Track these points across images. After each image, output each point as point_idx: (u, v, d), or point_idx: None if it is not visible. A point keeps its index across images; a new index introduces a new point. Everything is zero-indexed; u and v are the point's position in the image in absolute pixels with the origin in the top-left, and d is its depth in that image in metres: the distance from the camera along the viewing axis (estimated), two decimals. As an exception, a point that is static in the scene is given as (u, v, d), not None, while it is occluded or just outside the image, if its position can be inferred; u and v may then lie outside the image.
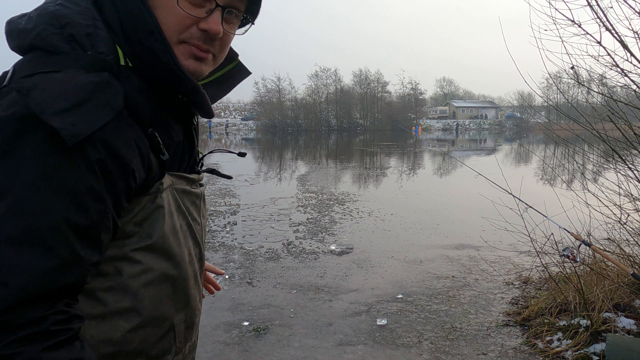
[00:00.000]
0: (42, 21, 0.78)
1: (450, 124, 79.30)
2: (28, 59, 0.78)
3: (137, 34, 0.80)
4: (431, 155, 24.26)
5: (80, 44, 0.78)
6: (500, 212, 4.13)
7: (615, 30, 3.26)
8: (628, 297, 3.54)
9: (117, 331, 0.83)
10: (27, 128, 0.69)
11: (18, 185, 0.68)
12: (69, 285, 0.72)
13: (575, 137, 4.26)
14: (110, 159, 0.74)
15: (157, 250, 0.87)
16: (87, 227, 0.73)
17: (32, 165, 0.69)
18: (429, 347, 3.39)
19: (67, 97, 0.70)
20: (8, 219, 0.67)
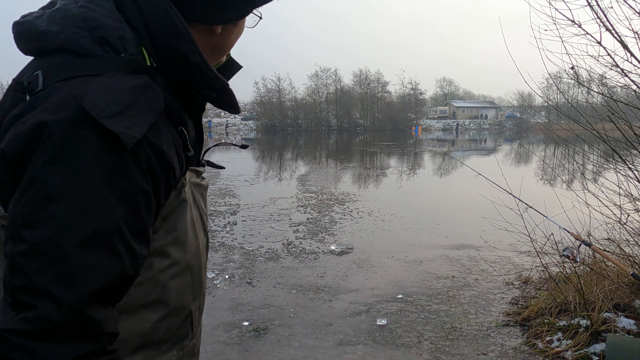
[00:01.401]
0: (70, 24, 0.78)
1: (450, 124, 79.29)
2: (58, 63, 0.77)
3: (164, 36, 0.81)
4: (431, 155, 24.26)
5: (113, 47, 0.78)
6: (500, 212, 4.13)
7: (615, 30, 3.27)
8: (628, 297, 3.54)
9: (147, 322, 0.86)
10: (83, 132, 0.70)
11: (81, 189, 0.69)
12: (128, 278, 0.75)
13: (575, 137, 4.26)
14: (155, 158, 0.76)
15: (181, 242, 0.90)
16: (141, 226, 0.76)
17: (93, 168, 0.70)
18: (429, 347, 3.39)
19: (117, 100, 0.72)
20: (75, 223, 0.69)
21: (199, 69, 0.84)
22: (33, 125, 0.70)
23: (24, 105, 0.74)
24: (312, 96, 73.06)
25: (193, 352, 1.02)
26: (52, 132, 0.69)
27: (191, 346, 1.00)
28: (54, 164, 0.69)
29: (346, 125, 70.74)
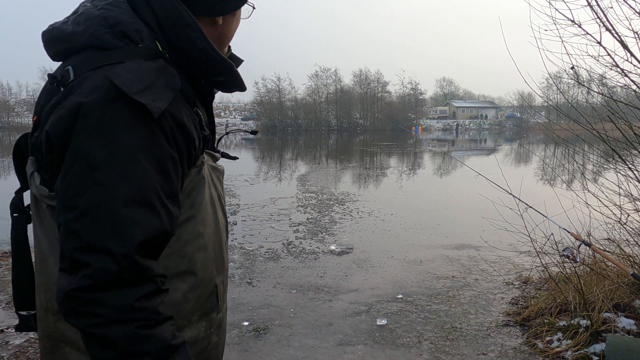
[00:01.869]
0: (93, 23, 0.90)
1: (450, 124, 79.27)
2: (84, 57, 0.89)
3: (175, 28, 0.92)
4: (431, 155, 24.26)
5: (131, 39, 0.90)
6: (500, 212, 4.13)
7: (615, 30, 3.26)
8: (628, 297, 3.53)
9: (178, 292, 0.97)
10: (117, 107, 0.81)
11: (119, 156, 0.80)
12: (167, 233, 0.86)
13: (575, 137, 4.26)
14: (177, 129, 0.88)
15: (203, 217, 1.00)
16: (173, 188, 0.87)
17: (128, 137, 0.81)
18: (429, 347, 3.39)
19: (142, 79, 0.83)
20: (117, 186, 0.79)
21: (206, 53, 0.94)
22: (72, 107, 0.81)
23: (60, 95, 0.86)
24: (312, 96, 73.07)
25: (220, 325, 1.12)
26: (88, 110, 0.81)
27: (218, 320, 1.10)
28: (93, 136, 0.80)
29: (346, 125, 70.72)
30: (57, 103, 0.85)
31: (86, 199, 0.79)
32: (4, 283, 4.69)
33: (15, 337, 3.45)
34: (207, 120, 1.05)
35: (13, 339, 3.43)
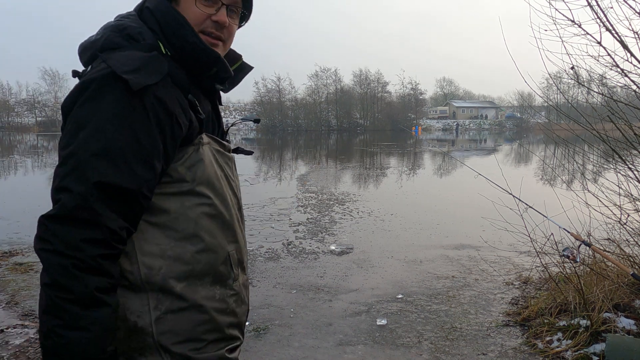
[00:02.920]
0: (108, 31, 1.12)
1: (450, 124, 79.25)
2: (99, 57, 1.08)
3: (171, 28, 1.14)
4: (431, 155, 24.26)
5: (135, 39, 1.11)
6: (500, 212, 4.13)
7: (615, 30, 3.26)
8: (628, 297, 3.53)
9: (188, 252, 1.10)
10: (108, 82, 1.00)
11: (99, 118, 0.99)
12: (127, 189, 0.99)
13: (575, 137, 4.26)
14: (159, 106, 1.04)
15: (205, 190, 1.14)
16: (143, 152, 1.01)
17: (109, 106, 1.00)
18: (429, 347, 3.39)
19: (131, 63, 1.02)
20: (91, 141, 0.98)
21: (195, 46, 1.14)
22: (77, 86, 1.04)
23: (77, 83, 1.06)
24: (312, 96, 73.04)
25: (239, 295, 1.23)
26: (87, 85, 1.01)
27: (236, 288, 1.21)
28: (84, 103, 1.01)
29: (346, 125, 70.70)
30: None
31: (67, 151, 0.99)
32: (4, 283, 4.69)
33: (16, 337, 3.45)
34: (212, 111, 1.24)
35: (13, 339, 3.43)
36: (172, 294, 1.08)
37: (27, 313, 3.94)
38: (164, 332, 1.07)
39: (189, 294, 1.10)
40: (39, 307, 0.96)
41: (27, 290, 4.49)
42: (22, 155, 24.25)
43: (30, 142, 39.11)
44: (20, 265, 5.30)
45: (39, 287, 0.97)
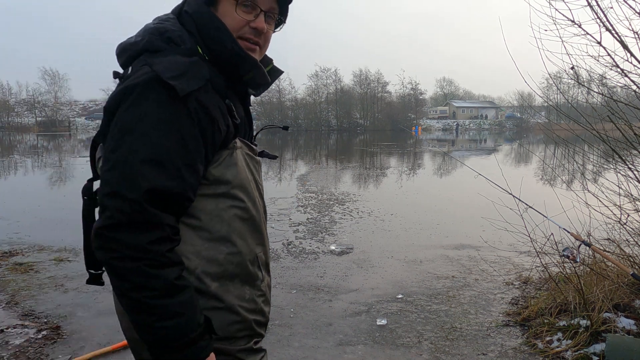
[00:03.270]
0: (149, 34, 1.15)
1: (450, 124, 79.25)
2: (140, 59, 1.11)
3: (209, 32, 1.16)
4: (431, 155, 24.25)
5: (175, 43, 1.14)
6: (500, 212, 4.13)
7: (615, 30, 3.26)
8: (628, 297, 3.53)
9: (221, 253, 1.14)
10: (152, 86, 1.03)
11: (145, 123, 1.01)
12: (176, 194, 1.03)
13: (575, 137, 4.26)
14: (202, 111, 1.07)
15: (238, 193, 1.17)
16: (188, 157, 1.05)
17: (155, 111, 1.02)
18: (429, 347, 3.39)
19: (175, 68, 1.05)
20: (140, 147, 1.00)
21: (233, 51, 1.16)
22: (121, 89, 1.05)
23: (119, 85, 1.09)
24: (312, 96, 73.04)
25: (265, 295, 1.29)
26: (132, 89, 1.04)
27: (263, 289, 1.26)
28: (129, 109, 1.03)
29: (346, 125, 70.71)
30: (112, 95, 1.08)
31: (116, 155, 1.01)
32: (4, 283, 4.69)
33: (15, 337, 3.45)
34: (244, 116, 1.26)
35: (13, 339, 3.43)
36: (207, 293, 1.12)
37: (27, 313, 3.94)
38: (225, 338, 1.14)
39: (223, 294, 1.15)
40: (127, 311, 1.02)
41: (27, 290, 4.49)
42: (22, 155, 24.25)
43: (30, 142, 39.10)
44: (20, 265, 5.30)
45: (40, 287, 0.98)
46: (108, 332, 3.59)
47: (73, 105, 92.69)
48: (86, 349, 3.31)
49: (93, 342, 3.42)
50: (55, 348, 3.34)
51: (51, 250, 6.01)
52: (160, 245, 1.00)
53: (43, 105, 74.64)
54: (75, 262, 5.51)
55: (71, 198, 10.58)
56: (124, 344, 3.33)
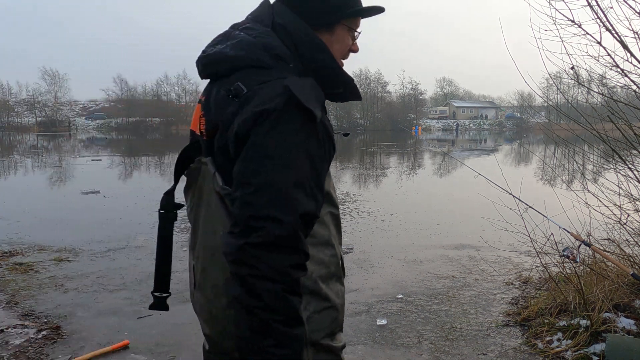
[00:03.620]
0: (254, 48, 1.13)
1: (450, 124, 79.26)
2: (247, 74, 1.12)
3: (309, 50, 1.17)
4: (431, 155, 24.25)
5: (283, 60, 1.14)
6: (500, 212, 4.13)
7: (616, 30, 3.26)
8: (628, 297, 3.53)
9: (326, 256, 1.21)
10: (290, 110, 1.03)
11: (285, 148, 1.03)
12: (315, 216, 1.08)
13: (575, 137, 4.26)
14: (324, 133, 1.10)
15: (332, 196, 1.25)
16: (320, 180, 1.08)
17: (294, 136, 1.04)
18: (429, 347, 3.39)
19: (308, 92, 1.06)
20: (286, 172, 1.02)
21: (333, 71, 1.20)
22: (256, 112, 1.04)
23: (237, 104, 1.08)
24: (312, 96, 72.93)
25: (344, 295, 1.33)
26: (270, 113, 1.03)
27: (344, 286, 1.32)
28: (270, 133, 1.03)
29: (346, 125, 70.75)
30: (235, 112, 1.08)
31: (259, 179, 1.01)
32: (4, 283, 4.69)
33: (15, 337, 3.45)
34: None
35: (13, 339, 3.43)
36: (320, 295, 1.18)
37: (27, 313, 3.94)
38: (313, 331, 1.18)
39: (329, 294, 1.22)
40: (247, 328, 1.00)
41: (27, 290, 4.49)
42: (22, 155, 24.25)
43: (30, 142, 39.09)
44: (20, 265, 5.30)
45: (40, 287, 0.98)
46: (108, 332, 3.59)
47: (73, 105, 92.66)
48: (86, 349, 3.31)
49: (93, 342, 3.42)
50: (55, 348, 3.34)
51: (51, 250, 6.01)
52: (297, 272, 1.02)
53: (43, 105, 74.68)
54: (75, 262, 5.52)
55: (71, 198, 10.59)
56: (124, 344, 3.33)
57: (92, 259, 5.64)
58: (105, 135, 56.36)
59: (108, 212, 8.72)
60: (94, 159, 22.01)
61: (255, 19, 1.21)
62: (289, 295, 1.00)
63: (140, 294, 4.45)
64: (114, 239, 6.63)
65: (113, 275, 4.99)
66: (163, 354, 3.27)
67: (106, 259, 5.67)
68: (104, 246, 6.23)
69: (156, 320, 3.84)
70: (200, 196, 1.21)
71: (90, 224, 7.57)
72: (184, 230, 7.11)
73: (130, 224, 7.66)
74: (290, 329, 1.00)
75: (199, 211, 1.22)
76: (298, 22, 1.18)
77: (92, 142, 40.74)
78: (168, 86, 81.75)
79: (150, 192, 11.11)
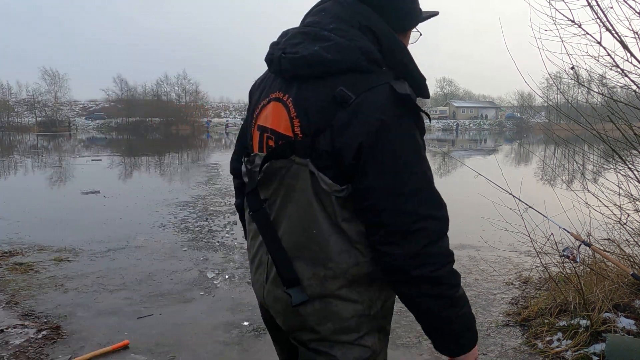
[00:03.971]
0: (351, 52, 1.14)
1: (450, 124, 79.22)
2: (350, 79, 1.13)
3: (393, 53, 1.19)
4: (431, 155, 24.25)
5: (378, 64, 1.16)
6: (500, 212, 4.12)
7: (616, 30, 3.26)
8: (628, 297, 3.53)
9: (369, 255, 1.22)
10: (410, 118, 1.12)
11: (420, 156, 1.15)
12: None
13: (575, 137, 4.26)
14: (422, 133, 1.18)
15: None
16: None
17: (419, 140, 1.15)
18: (429, 347, 3.39)
19: (412, 95, 1.13)
20: (426, 174, 1.16)
21: (413, 72, 1.22)
22: (377, 123, 1.09)
23: (349, 112, 1.10)
24: (312, 96, 72.87)
25: None
26: (391, 122, 1.09)
27: None
28: (398, 142, 1.10)
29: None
30: (348, 120, 1.10)
31: (409, 187, 1.11)
32: (4, 283, 4.69)
33: (15, 337, 3.45)
34: None
35: (13, 339, 3.43)
36: (386, 285, 1.28)
37: (27, 313, 3.94)
38: (384, 317, 1.35)
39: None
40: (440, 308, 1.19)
41: (27, 290, 4.49)
42: (22, 155, 24.25)
43: (30, 142, 39.10)
44: (20, 265, 5.30)
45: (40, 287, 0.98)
46: (108, 332, 3.59)
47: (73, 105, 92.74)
48: (86, 349, 3.31)
49: (93, 342, 3.42)
50: (55, 348, 3.34)
51: (51, 250, 6.01)
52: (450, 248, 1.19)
53: (43, 105, 74.70)
54: (75, 262, 5.52)
55: (71, 198, 10.59)
56: (124, 344, 3.33)
57: (92, 259, 5.64)
58: (105, 135, 56.36)
59: (108, 212, 8.72)
60: (94, 159, 22.01)
61: (339, 19, 1.19)
62: (453, 267, 1.18)
63: (140, 294, 4.45)
64: (114, 239, 6.64)
65: (113, 275, 4.99)
66: (163, 354, 3.27)
67: (106, 259, 5.67)
68: (104, 246, 6.23)
69: (156, 320, 3.84)
70: (287, 194, 1.20)
71: (90, 224, 7.57)
72: (184, 230, 7.11)
73: (130, 224, 7.66)
74: (461, 289, 1.21)
75: (283, 209, 1.22)
76: (385, 26, 1.20)
77: (92, 142, 40.75)
78: (168, 86, 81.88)
79: (150, 192, 11.11)
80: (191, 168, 17.84)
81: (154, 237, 6.73)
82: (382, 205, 1.10)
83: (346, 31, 1.16)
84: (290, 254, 1.21)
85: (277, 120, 1.21)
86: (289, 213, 1.21)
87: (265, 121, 1.25)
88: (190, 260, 5.59)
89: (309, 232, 1.17)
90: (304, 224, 1.18)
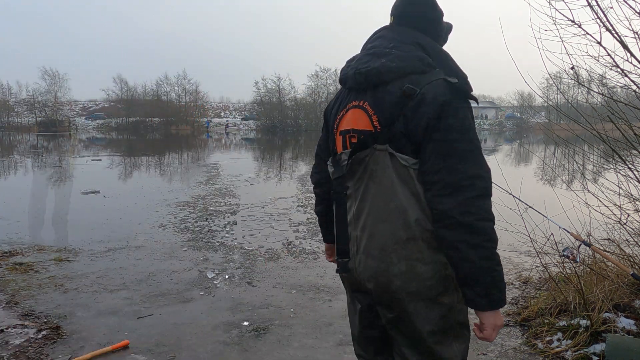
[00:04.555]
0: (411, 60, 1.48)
1: (450, 124, 79.04)
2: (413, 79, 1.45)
3: (440, 58, 1.54)
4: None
5: (431, 66, 1.49)
6: (500, 212, 4.10)
7: (616, 30, 3.26)
8: (628, 297, 3.53)
9: None
10: (465, 99, 1.46)
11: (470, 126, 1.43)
12: None
13: (575, 137, 4.26)
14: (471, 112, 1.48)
15: None
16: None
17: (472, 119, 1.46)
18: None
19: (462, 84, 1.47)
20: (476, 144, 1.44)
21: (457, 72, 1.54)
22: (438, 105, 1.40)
23: (416, 100, 1.42)
24: (312, 96, 73.04)
25: None
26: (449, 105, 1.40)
27: None
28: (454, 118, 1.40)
29: (346, 125, 70.52)
30: (417, 105, 1.41)
31: (461, 151, 1.38)
32: (4, 283, 4.69)
33: (15, 337, 3.45)
34: None
35: (13, 339, 3.43)
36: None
37: (27, 313, 3.94)
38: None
39: None
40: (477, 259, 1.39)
41: (27, 290, 4.49)
42: (22, 155, 24.25)
43: (30, 142, 39.10)
44: (20, 265, 5.30)
45: (40, 287, 0.97)
46: (108, 332, 3.59)
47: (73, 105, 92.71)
48: (86, 349, 3.31)
49: (93, 342, 3.42)
50: (55, 348, 3.34)
51: (51, 250, 6.01)
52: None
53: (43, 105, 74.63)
54: (75, 262, 5.52)
55: (71, 198, 10.59)
56: (124, 344, 3.33)
57: (92, 259, 5.64)
58: (105, 135, 56.36)
59: (108, 212, 8.72)
60: (94, 159, 22.00)
61: (395, 40, 1.53)
62: (495, 230, 1.41)
63: (140, 293, 4.45)
64: (113, 238, 6.64)
65: (113, 275, 4.99)
66: (163, 354, 3.27)
67: (106, 258, 5.67)
68: (103, 246, 6.23)
69: (156, 320, 3.84)
70: (371, 177, 1.50)
71: (90, 224, 7.57)
72: (183, 230, 7.11)
73: (130, 224, 7.66)
74: (498, 253, 1.44)
75: (367, 189, 1.51)
76: (433, 42, 1.56)
77: (92, 142, 40.75)
78: (168, 86, 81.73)
79: (150, 192, 11.11)
80: (191, 168, 17.83)
81: (154, 237, 6.73)
82: (439, 165, 1.37)
83: (402, 48, 1.50)
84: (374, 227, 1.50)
85: (356, 121, 1.53)
86: (372, 192, 1.50)
87: (346, 125, 1.57)
88: (190, 260, 5.59)
89: (392, 205, 1.46)
90: (386, 197, 1.47)
